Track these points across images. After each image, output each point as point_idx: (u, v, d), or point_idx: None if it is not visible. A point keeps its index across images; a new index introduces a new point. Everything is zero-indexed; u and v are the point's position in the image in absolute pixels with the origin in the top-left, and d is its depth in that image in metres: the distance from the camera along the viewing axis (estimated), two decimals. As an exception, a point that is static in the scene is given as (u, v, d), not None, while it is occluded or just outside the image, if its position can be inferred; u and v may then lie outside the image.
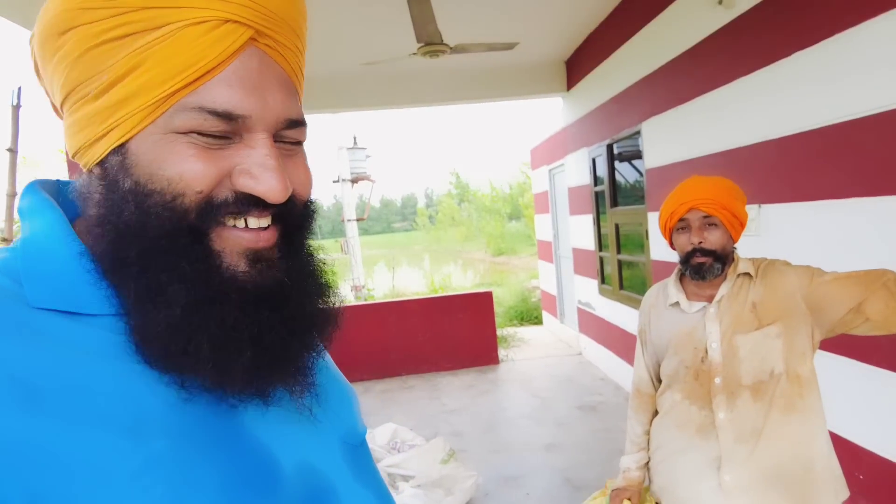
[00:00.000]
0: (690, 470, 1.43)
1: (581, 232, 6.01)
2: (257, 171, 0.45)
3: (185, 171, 0.44)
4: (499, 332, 6.94)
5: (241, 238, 0.47)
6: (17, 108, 3.56)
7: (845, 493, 1.39)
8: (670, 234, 1.50)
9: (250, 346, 0.45)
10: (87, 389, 0.41)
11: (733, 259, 1.46)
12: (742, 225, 1.44)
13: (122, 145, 0.45)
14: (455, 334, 5.98)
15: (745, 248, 2.78)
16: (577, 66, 5.70)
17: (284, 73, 0.49)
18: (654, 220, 4.12)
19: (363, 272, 11.70)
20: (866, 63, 2.04)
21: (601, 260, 5.48)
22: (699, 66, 3.28)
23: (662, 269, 4.03)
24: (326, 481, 0.52)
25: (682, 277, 1.54)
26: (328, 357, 0.65)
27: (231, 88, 0.44)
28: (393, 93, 5.99)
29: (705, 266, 1.41)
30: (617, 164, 4.97)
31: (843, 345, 2.19)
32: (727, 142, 3.04)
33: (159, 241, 0.44)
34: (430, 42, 3.30)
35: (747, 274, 1.42)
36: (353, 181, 12.25)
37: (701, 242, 1.41)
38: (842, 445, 2.24)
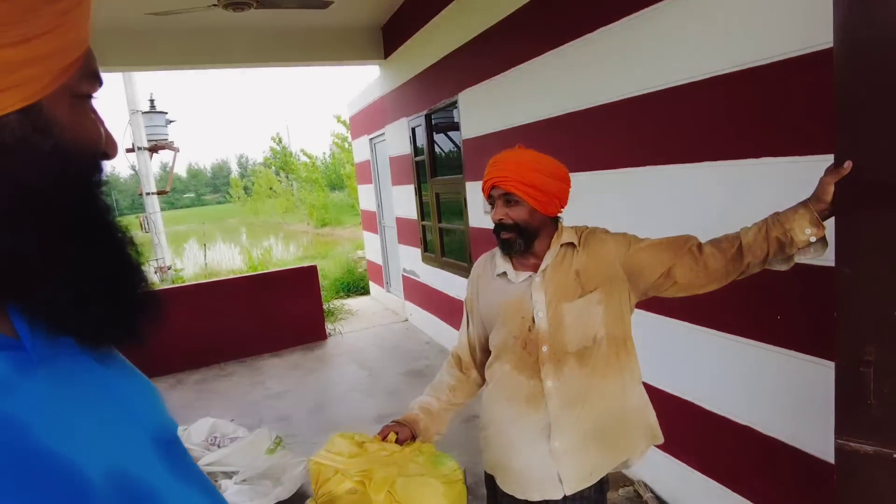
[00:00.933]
0: (521, 440, 1.46)
1: (404, 202, 6.04)
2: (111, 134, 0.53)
3: (95, 134, 0.50)
4: (325, 305, 6.75)
5: None
6: None
7: (659, 440, 1.54)
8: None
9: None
10: None
11: (555, 230, 1.48)
12: (554, 196, 1.47)
13: (31, 105, 0.43)
14: (278, 313, 5.66)
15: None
16: (394, 33, 5.61)
17: None
18: (472, 190, 4.26)
19: (169, 251, 10.51)
20: (661, 41, 2.25)
21: (423, 228, 5.57)
22: (511, 38, 3.39)
23: (480, 235, 4.20)
24: (144, 484, 0.49)
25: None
26: (123, 357, 0.63)
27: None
28: (190, 51, 5.31)
29: (509, 241, 1.43)
30: (436, 134, 5.02)
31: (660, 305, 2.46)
32: (538, 112, 3.21)
33: (79, 205, 0.48)
34: (232, -7, 2.94)
35: (571, 244, 1.47)
36: (152, 150, 10.84)
37: (501, 219, 1.43)
38: (662, 398, 2.55)
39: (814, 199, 1.23)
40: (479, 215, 4.17)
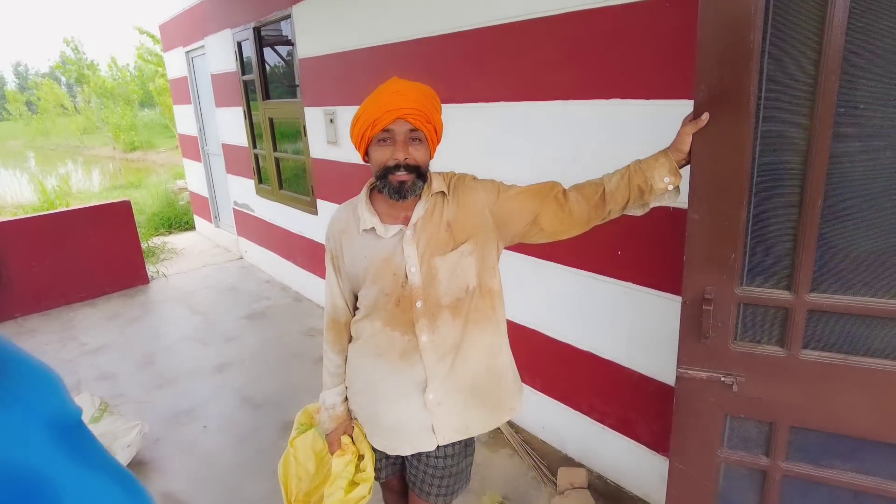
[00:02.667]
0: (393, 395, 1.39)
1: (231, 126, 5.42)
2: None
3: None
4: (144, 244, 5.99)
5: None
6: None
7: (522, 391, 1.56)
8: (367, 145, 1.32)
9: None
10: None
11: (429, 176, 1.37)
12: (439, 139, 1.36)
13: None
14: (87, 256, 4.87)
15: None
16: (209, -75, 4.79)
17: None
18: (312, 116, 3.93)
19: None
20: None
21: (256, 157, 5.09)
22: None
23: (323, 167, 3.94)
24: (33, 472, 0.48)
25: (371, 196, 1.40)
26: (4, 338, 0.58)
27: None
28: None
29: (407, 184, 1.29)
30: (267, 51, 4.50)
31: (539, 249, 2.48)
32: (387, 35, 2.97)
33: None
34: None
35: (441, 192, 1.36)
36: None
37: (406, 158, 1.28)
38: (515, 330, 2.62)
39: (672, 149, 1.26)
40: (322, 145, 3.88)
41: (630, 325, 2.09)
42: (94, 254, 4.92)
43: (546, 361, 2.49)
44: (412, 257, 1.32)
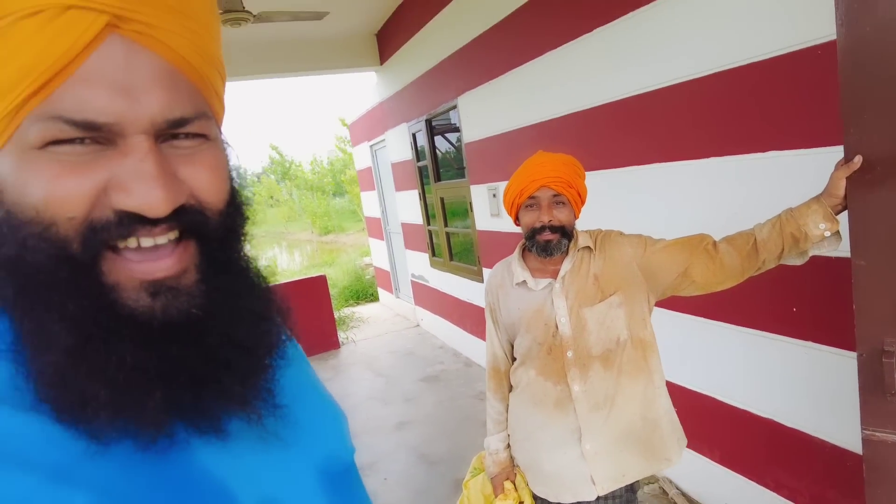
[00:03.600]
0: (551, 444, 1.48)
1: (408, 207, 6.05)
2: (130, 183, 0.38)
3: (51, 194, 0.37)
4: (336, 314, 6.77)
5: (134, 270, 0.40)
6: None
7: (685, 441, 1.55)
8: (517, 211, 1.51)
9: (161, 385, 0.40)
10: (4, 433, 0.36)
11: (576, 234, 1.51)
12: (583, 201, 1.50)
13: None
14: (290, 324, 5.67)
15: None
16: (389, 39, 5.62)
17: (166, 62, 0.40)
18: (477, 192, 4.27)
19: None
20: (660, 38, 2.25)
21: (430, 233, 5.58)
22: (508, 41, 3.40)
23: (487, 238, 4.21)
24: None
25: (524, 254, 1.56)
26: (310, 374, 0.61)
27: (90, 90, 0.37)
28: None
29: (552, 243, 1.44)
30: (437, 138, 5.04)
31: (679, 302, 2.47)
32: (538, 114, 3.21)
33: (39, 276, 0.38)
34: (231, 9, 2.97)
35: (587, 248, 1.48)
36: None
37: (551, 220, 1.44)
38: (685, 394, 2.55)
39: (826, 195, 1.24)
40: (486, 218, 4.18)
41: (794, 382, 1.92)
42: (296, 322, 5.70)
43: (702, 420, 2.33)
44: (562, 308, 1.43)
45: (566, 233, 1.45)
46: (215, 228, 0.44)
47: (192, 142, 0.43)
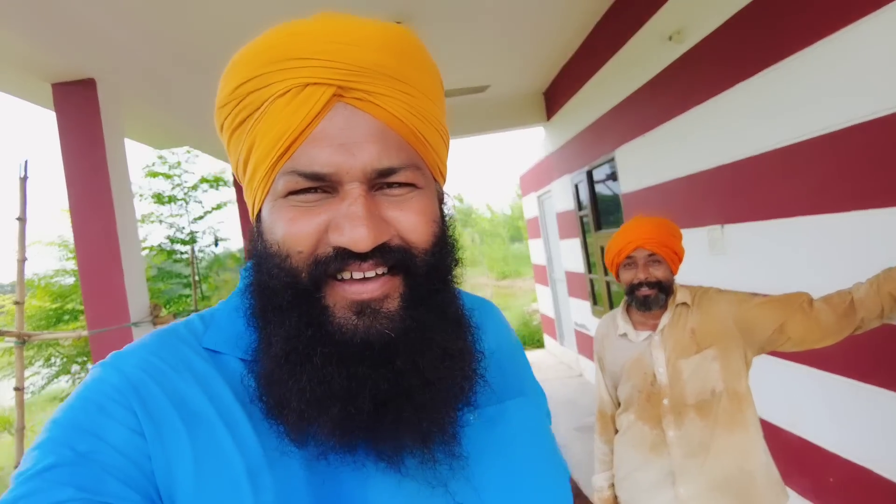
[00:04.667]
0: (648, 485, 1.56)
1: (571, 255, 6.18)
2: (342, 223, 0.46)
3: (287, 233, 0.47)
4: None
5: (347, 291, 0.47)
6: (24, 180, 3.79)
7: (785, 497, 1.52)
8: (617, 269, 1.67)
9: (339, 402, 0.45)
10: (230, 419, 0.47)
11: (674, 290, 1.62)
12: (680, 259, 1.62)
13: (258, 214, 0.51)
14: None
15: (710, 266, 2.94)
16: (555, 97, 5.94)
17: (378, 122, 0.48)
18: (634, 242, 4.29)
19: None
20: (804, 89, 2.22)
21: (591, 282, 5.64)
22: (660, 97, 3.49)
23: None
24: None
25: (627, 308, 1.70)
26: (538, 432, 0.60)
27: (319, 149, 0.46)
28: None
29: (650, 298, 1.58)
30: (598, 189, 5.16)
31: (808, 356, 2.33)
32: (690, 166, 3.23)
33: (277, 298, 0.47)
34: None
35: (685, 303, 1.58)
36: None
37: (647, 277, 1.58)
38: (813, 451, 2.37)
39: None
40: (642, 268, 4.17)
41: None
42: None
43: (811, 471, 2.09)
44: (659, 359, 1.53)
45: (664, 288, 1.56)
46: (420, 265, 0.48)
47: (402, 189, 0.48)
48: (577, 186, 5.57)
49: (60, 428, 0.44)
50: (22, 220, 3.87)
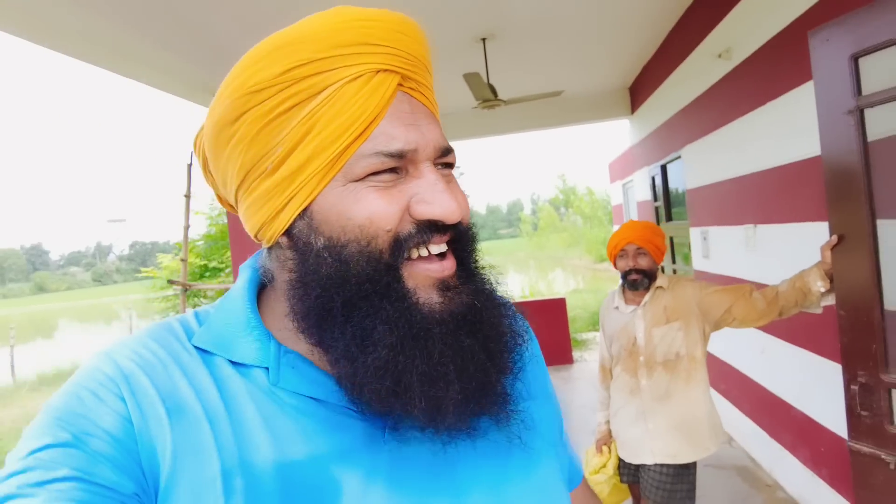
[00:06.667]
0: (628, 420, 2.14)
1: (647, 243, 6.51)
2: (431, 196, 0.47)
3: (374, 212, 0.46)
4: (579, 335, 7.54)
5: (429, 270, 0.49)
6: (189, 167, 4.90)
7: (724, 437, 2.04)
8: (614, 259, 2.23)
9: (457, 378, 0.46)
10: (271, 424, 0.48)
11: (656, 276, 2.16)
12: (662, 252, 2.15)
13: (305, 209, 0.48)
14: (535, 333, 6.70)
15: (744, 261, 3.33)
16: (638, 92, 6.26)
17: (426, 108, 0.52)
18: (694, 235, 4.65)
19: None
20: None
21: (661, 269, 5.98)
22: (723, 98, 3.82)
23: (702, 277, 4.54)
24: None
25: (622, 288, 2.26)
26: (544, 377, 0.67)
27: (397, 129, 0.47)
28: (481, 125, 6.91)
29: (637, 281, 2.13)
30: (670, 182, 5.49)
31: (815, 347, 2.72)
32: (733, 171, 3.59)
33: (362, 286, 0.46)
34: (487, 99, 4.14)
35: (661, 287, 2.12)
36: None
37: (635, 266, 2.14)
38: (811, 426, 2.77)
39: (823, 261, 1.68)
40: (699, 258, 4.53)
41: None
42: (537, 333, 6.68)
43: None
44: (640, 327, 2.09)
45: (648, 274, 2.11)
46: (467, 241, 0.52)
47: (448, 170, 0.53)
48: (653, 178, 5.90)
49: (56, 412, 0.45)
50: (188, 196, 5.00)
